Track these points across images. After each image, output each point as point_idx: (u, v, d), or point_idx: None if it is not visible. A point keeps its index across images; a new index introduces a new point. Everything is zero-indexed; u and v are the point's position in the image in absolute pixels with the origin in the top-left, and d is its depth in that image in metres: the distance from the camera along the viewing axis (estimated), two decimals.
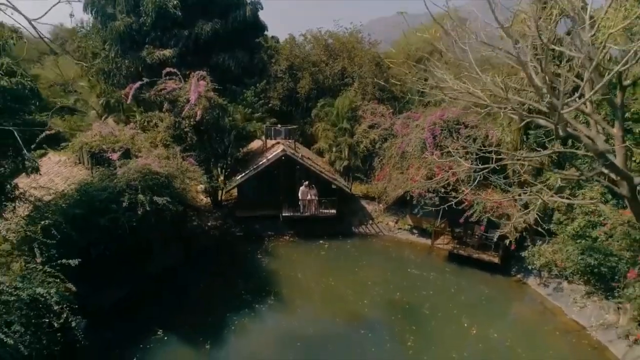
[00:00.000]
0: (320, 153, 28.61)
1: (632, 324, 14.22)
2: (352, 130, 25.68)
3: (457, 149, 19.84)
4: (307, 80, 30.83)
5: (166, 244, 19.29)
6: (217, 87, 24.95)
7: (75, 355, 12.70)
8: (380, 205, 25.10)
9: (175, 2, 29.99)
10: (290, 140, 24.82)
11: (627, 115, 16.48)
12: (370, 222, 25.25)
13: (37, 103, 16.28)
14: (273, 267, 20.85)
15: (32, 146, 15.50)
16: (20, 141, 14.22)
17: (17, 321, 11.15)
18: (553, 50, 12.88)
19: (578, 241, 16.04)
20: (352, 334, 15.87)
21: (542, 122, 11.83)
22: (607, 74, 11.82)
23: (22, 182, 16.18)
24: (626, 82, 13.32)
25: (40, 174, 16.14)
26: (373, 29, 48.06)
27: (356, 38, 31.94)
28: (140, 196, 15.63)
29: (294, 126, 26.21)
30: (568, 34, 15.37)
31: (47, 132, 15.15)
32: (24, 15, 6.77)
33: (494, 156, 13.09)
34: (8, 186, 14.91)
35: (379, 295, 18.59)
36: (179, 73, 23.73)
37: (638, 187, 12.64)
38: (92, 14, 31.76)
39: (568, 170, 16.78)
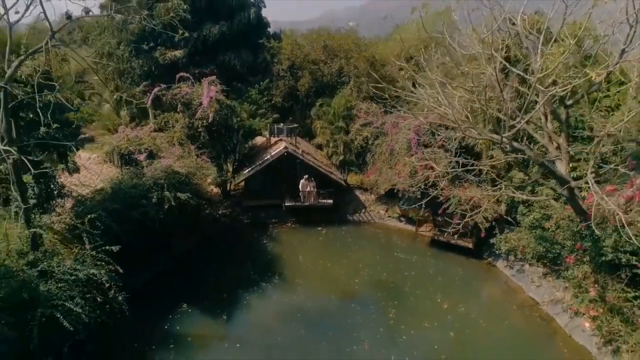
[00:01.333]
0: (319, 147, 31.45)
1: (573, 300, 17.29)
2: (347, 128, 28.50)
3: (437, 149, 22.84)
4: (307, 79, 33.41)
5: (185, 232, 22.29)
6: (225, 88, 27.71)
7: (120, 324, 15.74)
8: (372, 195, 28.07)
9: (185, 7, 32.42)
10: (291, 138, 27.60)
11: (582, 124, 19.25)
12: (363, 210, 28.27)
13: (75, 113, 19.12)
14: (277, 251, 23.95)
15: (75, 150, 18.40)
16: (68, 148, 17.25)
17: (77, 295, 14.19)
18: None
19: (533, 231, 19.04)
20: (344, 308, 19.03)
21: (494, 137, 14.68)
22: (544, 98, 14.68)
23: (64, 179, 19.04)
24: (569, 102, 16.17)
25: (79, 173, 19.13)
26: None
27: (353, 39, 34.37)
28: (167, 193, 18.60)
29: (295, 125, 28.95)
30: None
31: (82, 135, 18.04)
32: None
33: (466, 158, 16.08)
34: (52, 185, 17.76)
35: (368, 276, 21.71)
36: (191, 77, 26.38)
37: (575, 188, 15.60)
38: (107, 17, 34.10)
39: (517, 175, 19.74)
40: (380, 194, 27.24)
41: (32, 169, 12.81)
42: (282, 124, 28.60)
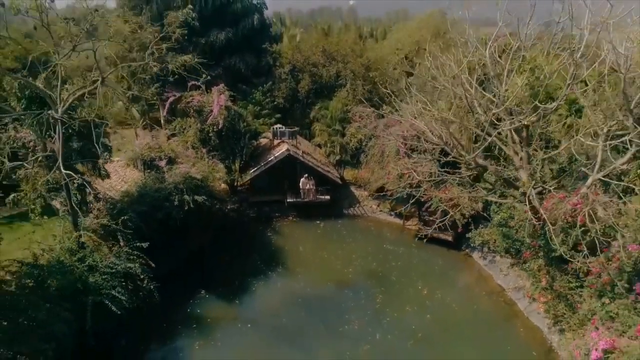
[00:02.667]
0: (319, 145, 34.37)
1: (530, 288, 20.47)
2: (343, 131, 31.39)
3: (422, 154, 25.75)
4: (307, 81, 36.13)
5: (199, 227, 25.36)
6: (232, 93, 30.49)
7: (151, 307, 18.89)
8: (366, 192, 31.11)
9: (193, 15, 34.94)
10: (292, 140, 30.51)
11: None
12: (357, 205, 31.38)
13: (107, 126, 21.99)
14: (280, 243, 27.15)
15: (105, 157, 21.32)
16: (100, 156, 20.22)
17: (118, 285, 17.37)
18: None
19: (500, 228, 22.13)
20: (339, 294, 22.28)
21: (460, 158, 17.64)
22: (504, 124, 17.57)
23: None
24: (527, 123, 19.07)
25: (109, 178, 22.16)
26: None
27: (350, 44, 36.96)
28: (186, 196, 21.64)
29: (296, 128, 31.79)
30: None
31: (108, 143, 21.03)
32: None
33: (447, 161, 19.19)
34: (90, 192, 20.73)
35: (360, 266, 24.91)
36: (202, 86, 29.11)
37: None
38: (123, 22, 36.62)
39: (490, 178, 22.70)
40: (373, 191, 30.25)
41: (82, 180, 15.93)
42: (284, 127, 31.43)
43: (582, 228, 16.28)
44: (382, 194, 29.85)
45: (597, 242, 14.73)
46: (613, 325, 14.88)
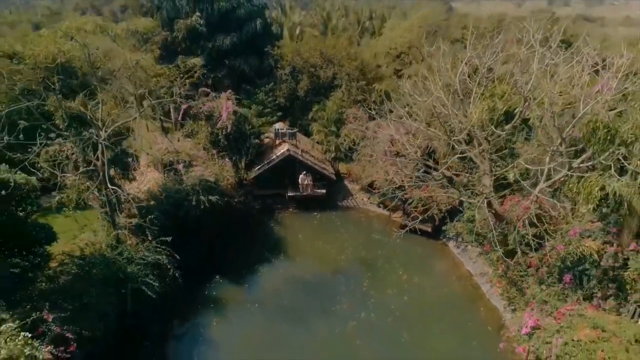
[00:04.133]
0: (318, 142, 37.96)
1: (492, 274, 24.46)
2: (337, 132, 34.96)
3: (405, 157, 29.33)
4: (306, 82, 39.46)
5: (213, 221, 29.22)
6: (237, 96, 33.96)
7: (176, 292, 22.84)
8: (357, 186, 34.89)
9: (201, 22, 38.08)
10: (292, 140, 34.10)
11: None
12: (350, 197, 35.24)
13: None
14: (281, 233, 31.12)
15: (133, 165, 25.04)
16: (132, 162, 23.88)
17: (150, 273, 21.31)
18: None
19: (468, 224, 26.01)
20: (332, 278, 26.35)
21: (430, 173, 21.35)
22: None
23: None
24: (490, 139, 22.70)
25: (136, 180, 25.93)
26: None
27: (344, 47, 40.12)
28: (202, 197, 25.41)
29: (296, 130, 35.33)
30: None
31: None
32: None
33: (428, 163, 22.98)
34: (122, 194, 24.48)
35: (351, 253, 28.93)
36: (211, 92, 32.54)
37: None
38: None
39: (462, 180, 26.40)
40: (364, 185, 34.03)
41: (121, 192, 19.73)
42: (285, 128, 34.96)
43: (526, 228, 20.17)
44: (371, 189, 33.73)
45: (531, 243, 18.60)
46: (545, 308, 18.89)
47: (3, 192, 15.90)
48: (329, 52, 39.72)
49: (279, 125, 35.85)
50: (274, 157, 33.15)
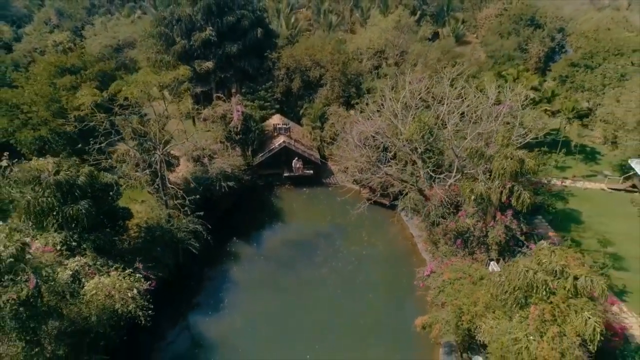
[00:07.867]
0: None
1: (424, 237, 35.47)
2: (322, 127, 45.19)
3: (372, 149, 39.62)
4: (298, 81, 49.21)
5: (229, 200, 40.05)
6: (244, 99, 43.99)
7: (208, 249, 33.85)
8: (338, 167, 45.51)
9: (213, 34, 47.29)
10: (287, 133, 44.36)
11: None
12: (332, 176, 45.93)
13: None
14: (279, 204, 42.16)
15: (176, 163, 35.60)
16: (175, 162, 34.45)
17: (191, 237, 32.42)
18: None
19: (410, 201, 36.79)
20: (316, 238, 37.59)
21: (382, 172, 31.97)
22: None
23: None
24: (421, 147, 33.18)
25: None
26: None
27: (330, 50, 49.45)
28: (223, 184, 36.12)
29: (289, 125, 45.50)
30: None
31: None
32: None
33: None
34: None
35: (330, 220, 40.08)
36: (224, 97, 42.46)
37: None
38: (157, 38, 48.86)
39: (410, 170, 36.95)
40: (342, 168, 44.58)
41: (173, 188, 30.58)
42: (281, 123, 45.15)
43: (442, 208, 31.00)
44: (346, 170, 44.39)
45: (445, 217, 29.62)
46: (444, 260, 29.99)
47: (110, 192, 26.73)
48: (317, 55, 49.14)
49: (277, 121, 46.00)
50: (273, 147, 43.60)
